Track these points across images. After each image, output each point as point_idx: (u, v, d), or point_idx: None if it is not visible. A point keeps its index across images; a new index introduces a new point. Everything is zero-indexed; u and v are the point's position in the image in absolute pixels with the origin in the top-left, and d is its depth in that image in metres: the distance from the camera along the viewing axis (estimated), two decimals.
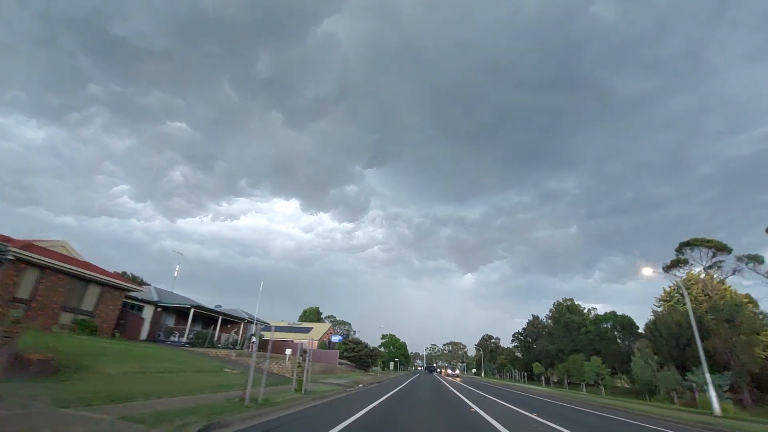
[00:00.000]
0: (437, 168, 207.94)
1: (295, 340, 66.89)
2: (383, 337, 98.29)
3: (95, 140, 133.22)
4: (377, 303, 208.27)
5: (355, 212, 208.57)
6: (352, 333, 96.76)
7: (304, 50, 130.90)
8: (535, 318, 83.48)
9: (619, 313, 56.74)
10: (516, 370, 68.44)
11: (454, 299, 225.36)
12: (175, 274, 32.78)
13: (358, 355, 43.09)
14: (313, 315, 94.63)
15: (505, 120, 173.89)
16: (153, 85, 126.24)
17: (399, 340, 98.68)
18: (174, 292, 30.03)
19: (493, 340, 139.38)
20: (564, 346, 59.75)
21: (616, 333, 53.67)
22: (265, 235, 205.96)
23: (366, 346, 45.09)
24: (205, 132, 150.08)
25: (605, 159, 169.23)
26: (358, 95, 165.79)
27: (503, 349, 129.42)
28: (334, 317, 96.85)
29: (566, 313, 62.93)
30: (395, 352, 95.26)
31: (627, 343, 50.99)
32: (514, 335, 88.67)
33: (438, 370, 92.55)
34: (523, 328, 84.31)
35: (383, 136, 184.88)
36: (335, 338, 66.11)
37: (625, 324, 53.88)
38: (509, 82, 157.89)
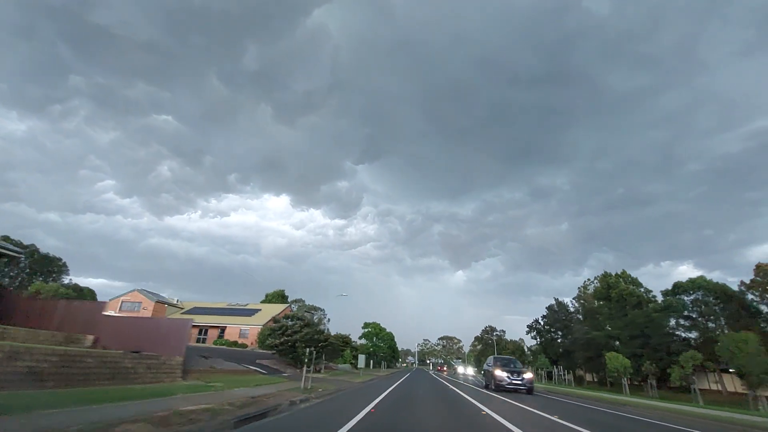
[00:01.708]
0: (430, 164, 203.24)
1: (231, 326, 46.30)
2: (365, 326, 78.34)
3: (78, 133, 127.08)
4: (369, 301, 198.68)
5: (347, 208, 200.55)
6: (325, 321, 76.80)
7: (294, 42, 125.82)
8: (559, 303, 64.44)
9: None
10: (561, 369, 48.66)
11: (447, 297, 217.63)
12: None
13: (289, 342, 23.06)
14: (277, 299, 74.57)
15: (499, 116, 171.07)
16: (138, 77, 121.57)
17: (385, 330, 78.89)
18: None
19: (497, 333, 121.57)
20: (618, 331, 41.01)
21: (716, 308, 34.68)
22: (256, 232, 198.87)
23: (307, 324, 25.03)
24: (192, 126, 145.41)
25: (597, 156, 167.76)
26: (349, 89, 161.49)
27: (508, 342, 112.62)
28: (303, 301, 76.68)
29: (619, 283, 43.98)
30: (380, 345, 75.54)
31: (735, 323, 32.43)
32: (530, 326, 69.60)
33: (449, 369, 71.53)
34: (543, 316, 65.17)
35: (375, 132, 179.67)
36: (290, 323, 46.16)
37: (719, 293, 35.08)
38: (502, 78, 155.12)
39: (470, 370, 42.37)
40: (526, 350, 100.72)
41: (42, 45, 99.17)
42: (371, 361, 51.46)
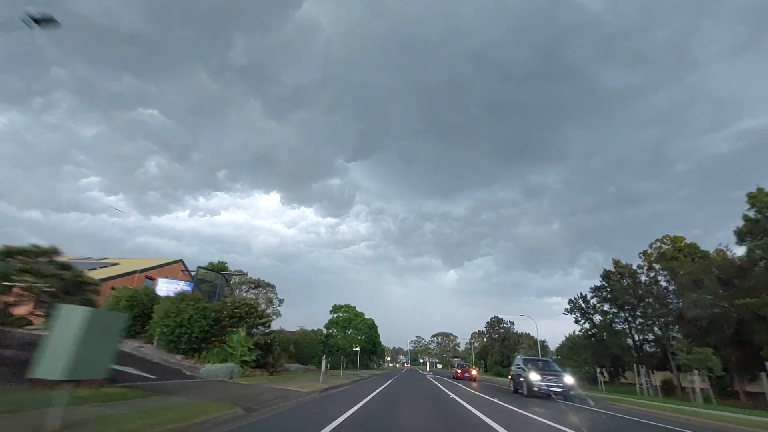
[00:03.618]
0: (423, 161, 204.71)
1: None
2: (335, 309, 55.80)
3: (61, 127, 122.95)
4: (362, 300, 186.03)
5: (339, 207, 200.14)
6: (276, 301, 54.16)
7: (284, 35, 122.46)
8: (621, 266, 42.44)
9: None
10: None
11: (439, 296, 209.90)
12: None
13: None
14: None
15: (492, 113, 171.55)
16: (122, 70, 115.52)
17: (362, 315, 56.48)
18: None
19: (504, 324, 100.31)
20: None
21: None
22: (246, 231, 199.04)
23: None
24: (179, 121, 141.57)
25: (589, 154, 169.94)
26: (341, 84, 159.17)
27: (518, 335, 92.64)
28: (245, 273, 53.81)
29: None
30: (356, 336, 53.20)
31: None
32: (572, 302, 47.63)
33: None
34: (596, 288, 42.95)
35: (367, 128, 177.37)
36: (183, 286, 23.71)
37: None
38: (496, 75, 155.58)
39: (569, 379, 16.07)
40: (546, 345, 79.06)
41: (20, 35, 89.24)
42: (335, 361, 28.99)
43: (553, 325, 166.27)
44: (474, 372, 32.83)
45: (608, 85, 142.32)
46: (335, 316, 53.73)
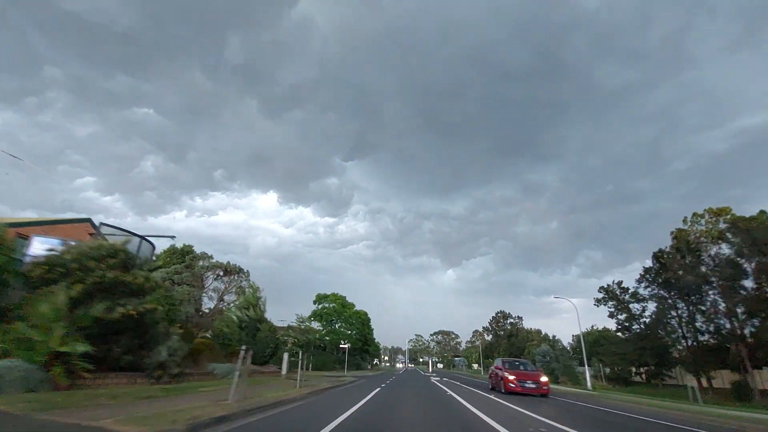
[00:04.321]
0: (420, 160, 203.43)
1: None
2: (319, 299, 47.26)
3: (56, 126, 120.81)
4: (361, 300, 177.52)
5: (337, 206, 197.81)
6: (248, 291, 45.48)
7: (279, 33, 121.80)
8: (683, 232, 33.18)
9: None
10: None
11: (438, 296, 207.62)
12: None
13: None
14: (177, 256, 43.55)
15: (489, 111, 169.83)
16: (117, 69, 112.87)
17: (353, 306, 47.98)
18: None
19: (511, 319, 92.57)
20: None
21: None
22: (245, 232, 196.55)
23: None
24: (175, 120, 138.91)
25: (586, 152, 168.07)
26: (337, 83, 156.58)
27: (528, 332, 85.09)
28: (208, 255, 45.20)
29: None
30: (344, 331, 44.79)
31: None
32: (606, 290, 39.25)
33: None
34: (647, 271, 34.08)
35: (364, 127, 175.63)
36: (42, 242, 13.77)
37: None
38: (493, 73, 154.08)
39: None
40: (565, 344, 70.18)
41: (12, 34, 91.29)
42: (320, 360, 20.64)
43: (554, 324, 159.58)
44: (544, 379, 16.43)
45: (605, 82, 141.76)
46: (319, 307, 45.26)
